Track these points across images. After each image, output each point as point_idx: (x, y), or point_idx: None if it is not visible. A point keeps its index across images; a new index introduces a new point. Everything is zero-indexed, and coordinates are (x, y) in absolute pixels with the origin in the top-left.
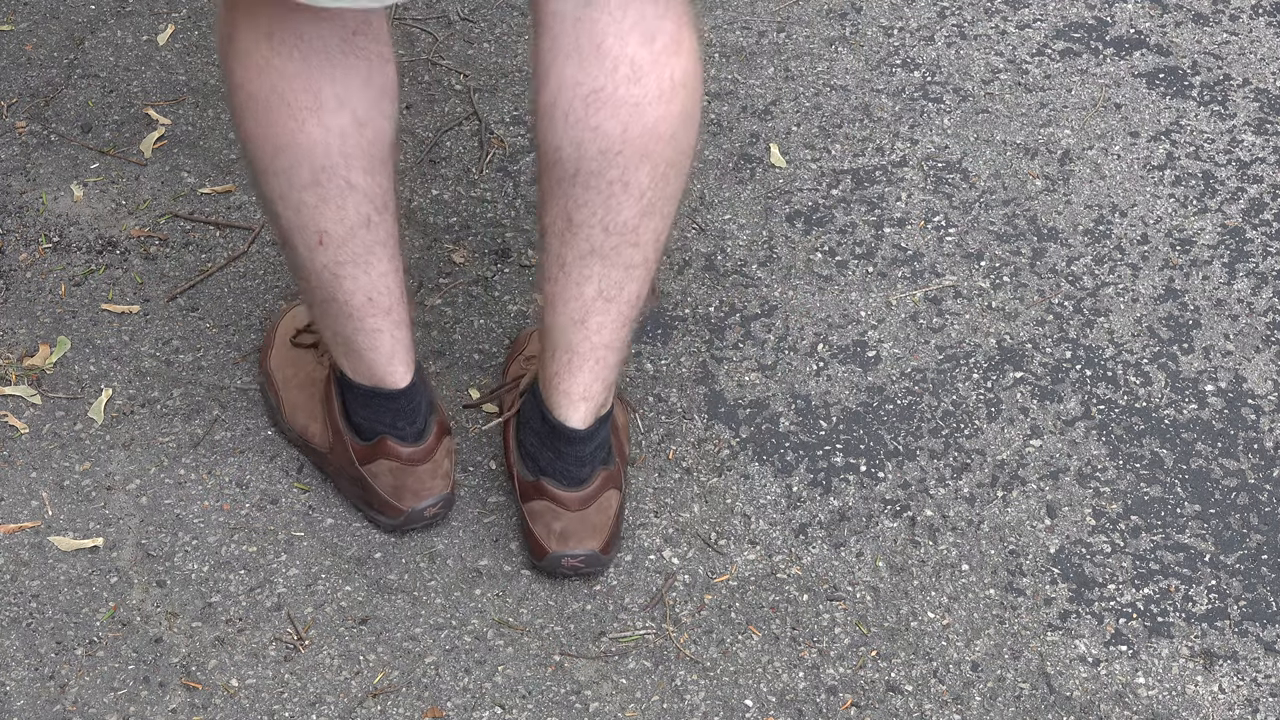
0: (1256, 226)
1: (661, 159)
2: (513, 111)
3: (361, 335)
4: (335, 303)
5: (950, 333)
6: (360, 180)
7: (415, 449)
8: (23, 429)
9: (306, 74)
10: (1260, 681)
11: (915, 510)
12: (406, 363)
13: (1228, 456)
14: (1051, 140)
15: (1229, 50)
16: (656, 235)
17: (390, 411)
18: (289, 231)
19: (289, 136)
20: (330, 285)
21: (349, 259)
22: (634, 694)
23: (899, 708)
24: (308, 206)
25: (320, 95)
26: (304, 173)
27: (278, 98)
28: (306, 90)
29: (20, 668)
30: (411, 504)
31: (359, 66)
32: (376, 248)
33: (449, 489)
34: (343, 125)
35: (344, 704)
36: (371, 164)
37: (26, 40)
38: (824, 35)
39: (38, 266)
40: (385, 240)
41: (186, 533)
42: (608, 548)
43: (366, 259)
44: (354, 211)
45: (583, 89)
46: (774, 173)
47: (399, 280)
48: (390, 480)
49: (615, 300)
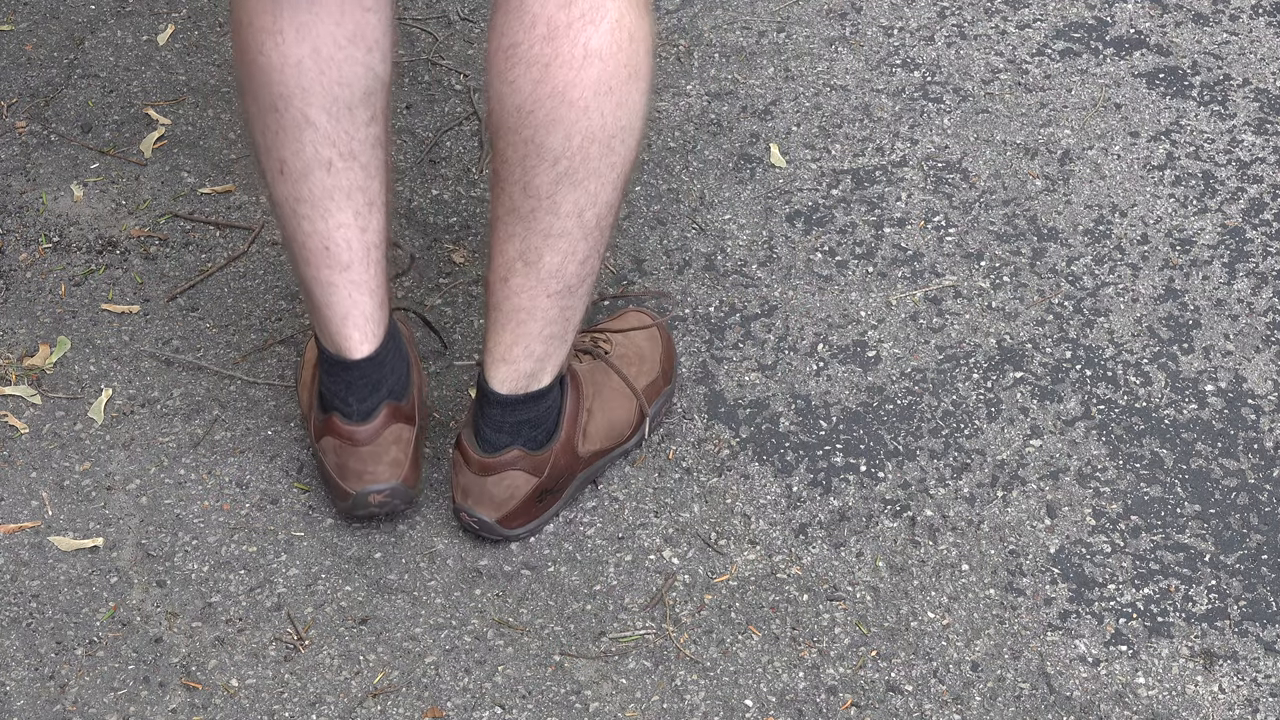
0: (1256, 226)
1: (576, 129)
2: None
3: (317, 287)
4: (295, 243)
5: (950, 333)
6: (319, 119)
7: (357, 428)
8: (23, 429)
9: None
10: (1260, 681)
11: (915, 510)
12: (364, 332)
13: (1228, 456)
14: (1051, 140)
15: (1229, 50)
16: (579, 210)
17: (343, 383)
18: (258, 154)
19: (250, 56)
20: (290, 223)
21: (305, 198)
22: (634, 694)
23: (899, 708)
24: (270, 131)
25: (280, 21)
26: (265, 96)
27: (246, 18)
28: (268, 13)
29: (20, 668)
30: (355, 486)
31: (329, 5)
32: (337, 194)
33: (399, 480)
34: (300, 57)
35: (344, 704)
36: (334, 106)
37: (26, 40)
38: (824, 35)
39: (38, 266)
40: (350, 191)
41: (186, 533)
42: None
43: (325, 204)
44: (310, 149)
45: (504, 42)
46: (774, 173)
47: (365, 240)
48: (334, 458)
49: (534, 266)
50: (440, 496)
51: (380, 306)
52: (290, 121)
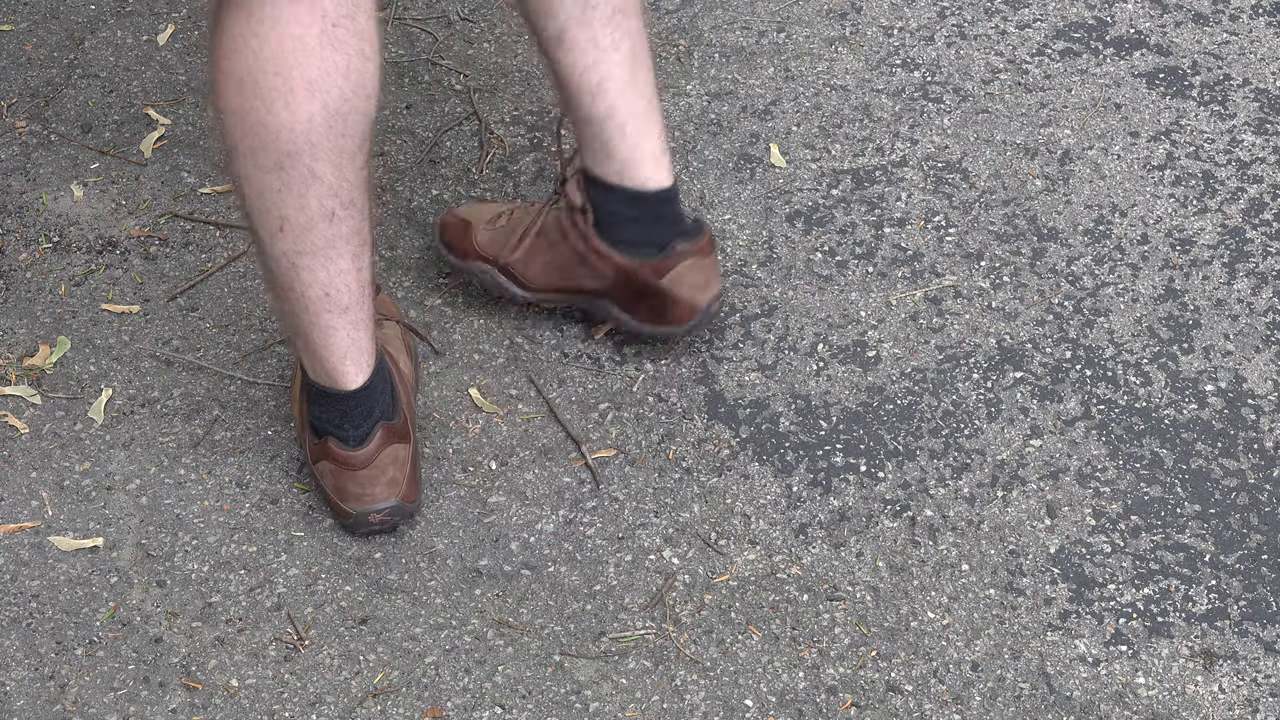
0: (1256, 226)
1: None
2: (513, 111)
3: (316, 331)
4: (293, 293)
5: (950, 333)
6: (325, 172)
7: (353, 453)
8: (23, 429)
9: (280, 58)
10: (1260, 681)
11: (915, 510)
12: (359, 365)
13: (1228, 456)
14: (1051, 140)
15: (1229, 50)
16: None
17: (338, 413)
18: (252, 214)
19: (256, 117)
20: (288, 275)
21: (308, 249)
22: (634, 694)
23: (899, 708)
24: (271, 191)
25: (291, 81)
26: (268, 156)
27: (250, 78)
28: (278, 74)
29: (20, 668)
30: (355, 507)
31: (337, 59)
32: (339, 242)
33: (397, 498)
34: (311, 114)
35: (344, 704)
36: (339, 158)
37: (26, 40)
38: (824, 35)
39: (38, 266)
40: (349, 237)
41: (186, 533)
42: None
43: (326, 253)
44: (316, 203)
45: None
46: (774, 173)
47: (361, 280)
48: (332, 481)
49: (644, 57)
50: (440, 497)
51: (372, 338)
52: (297, 178)
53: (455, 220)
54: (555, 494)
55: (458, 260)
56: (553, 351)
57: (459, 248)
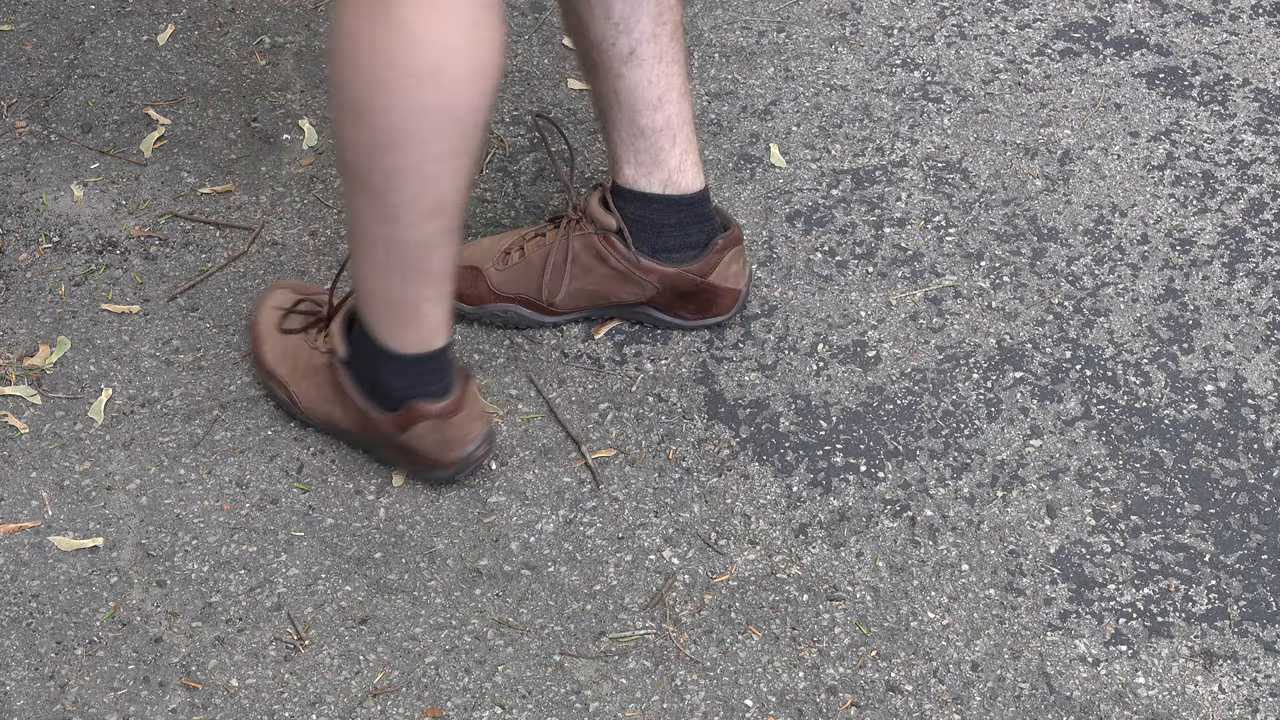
0: (1256, 226)
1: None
2: (513, 111)
3: (431, 302)
4: (423, 273)
5: (950, 333)
6: (476, 149)
7: (447, 402)
8: (23, 429)
9: (468, 47)
10: (1260, 681)
11: (915, 510)
12: (449, 321)
13: (1228, 456)
14: (1051, 140)
15: (1229, 50)
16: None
17: (426, 374)
18: (403, 205)
19: (442, 104)
20: (426, 255)
21: (455, 225)
22: (634, 694)
23: (899, 708)
24: (443, 175)
25: (475, 66)
26: (448, 143)
27: (441, 68)
28: (466, 62)
29: (20, 668)
30: (460, 452)
31: (492, 38)
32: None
33: (488, 424)
34: (484, 93)
35: (344, 704)
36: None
37: (26, 40)
38: (824, 35)
39: (38, 266)
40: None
41: (186, 533)
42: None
43: (460, 226)
44: (466, 179)
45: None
46: (774, 173)
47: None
48: (433, 438)
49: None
50: (440, 497)
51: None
52: (467, 160)
53: (458, 270)
54: (555, 494)
55: (473, 308)
56: (553, 351)
57: (473, 296)
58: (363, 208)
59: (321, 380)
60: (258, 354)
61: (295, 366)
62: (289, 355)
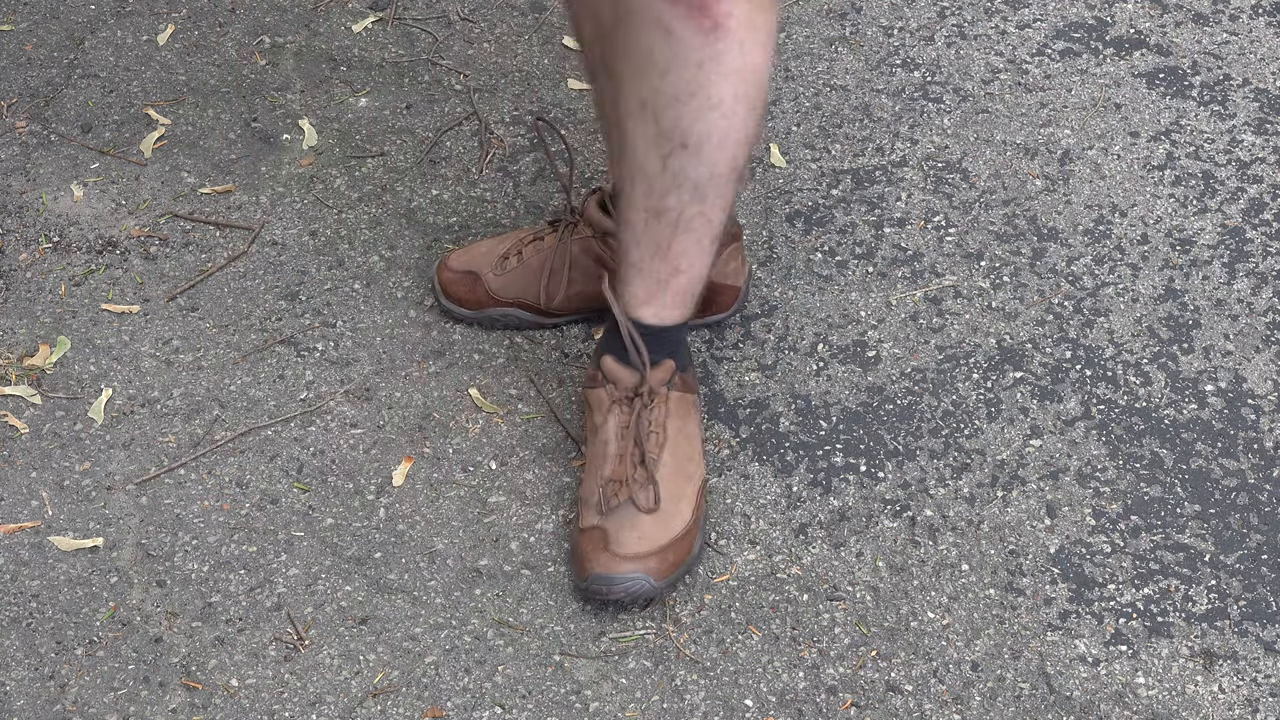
0: (1256, 226)
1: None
2: (513, 111)
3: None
4: (717, 231)
5: (950, 333)
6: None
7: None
8: (23, 429)
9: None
10: (1260, 681)
11: (915, 510)
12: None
13: (1228, 456)
14: (1051, 140)
15: (1229, 50)
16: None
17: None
18: (724, 175)
19: (763, 66)
20: (723, 220)
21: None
22: (634, 694)
23: (899, 708)
24: (752, 138)
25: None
26: (759, 102)
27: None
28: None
29: (20, 668)
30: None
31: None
32: None
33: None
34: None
35: (344, 704)
36: None
37: (26, 40)
38: (824, 35)
39: (38, 266)
40: None
41: (186, 533)
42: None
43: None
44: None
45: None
46: (774, 173)
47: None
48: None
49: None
50: (440, 497)
51: None
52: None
53: (457, 275)
54: (555, 494)
55: (472, 312)
56: (553, 351)
57: (471, 300)
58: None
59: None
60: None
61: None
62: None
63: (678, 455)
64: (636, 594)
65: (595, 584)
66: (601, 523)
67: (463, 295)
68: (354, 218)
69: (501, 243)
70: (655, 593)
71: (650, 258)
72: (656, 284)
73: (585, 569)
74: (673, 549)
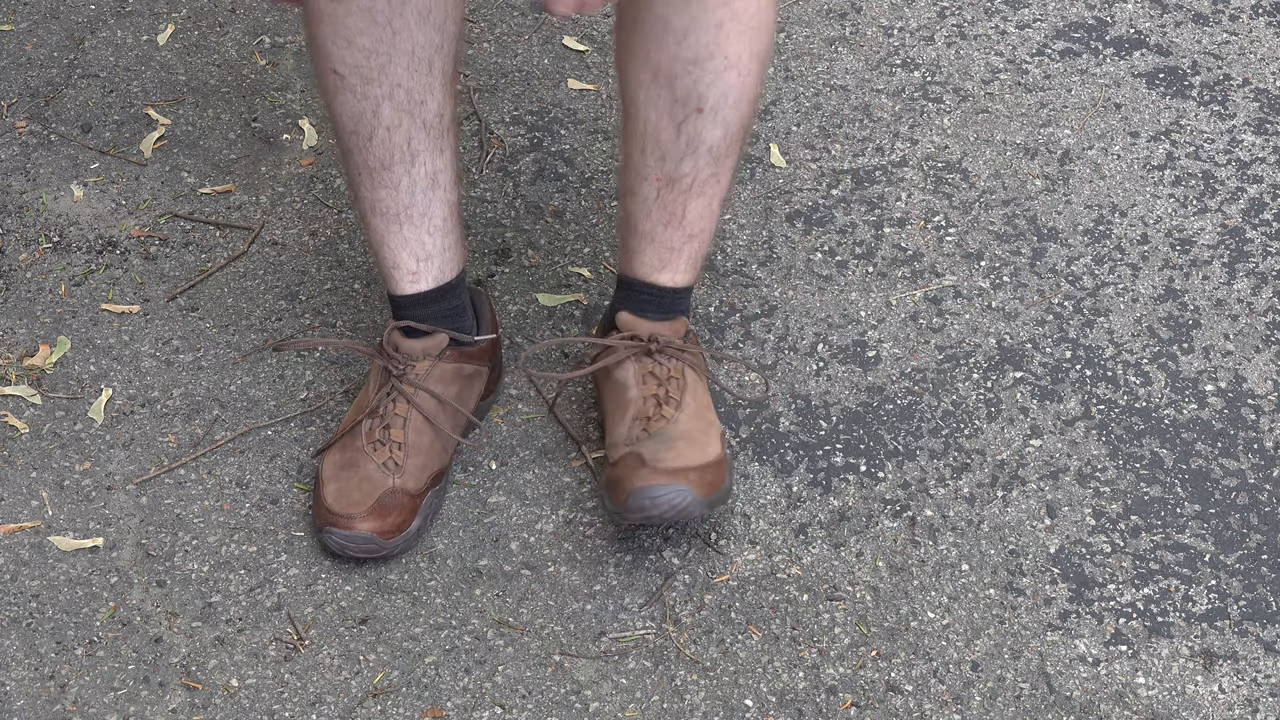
0: (1256, 226)
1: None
2: (513, 111)
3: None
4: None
5: (950, 333)
6: None
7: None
8: (23, 429)
9: None
10: (1260, 681)
11: (915, 510)
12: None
13: (1228, 456)
14: (1051, 140)
15: (1229, 50)
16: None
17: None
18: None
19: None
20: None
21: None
22: (634, 694)
23: (899, 708)
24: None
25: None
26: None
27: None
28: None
29: (20, 668)
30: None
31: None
32: None
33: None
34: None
35: (344, 704)
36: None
37: (26, 40)
38: (824, 35)
39: (38, 266)
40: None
41: (186, 533)
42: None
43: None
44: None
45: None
46: (774, 173)
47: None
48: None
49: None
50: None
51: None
52: None
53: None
54: (555, 494)
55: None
56: (553, 351)
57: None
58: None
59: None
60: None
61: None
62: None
63: (698, 401)
64: (681, 509)
65: (637, 500)
66: (635, 448)
67: (394, 522)
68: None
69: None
70: (699, 510)
71: (664, 227)
72: (670, 251)
73: (623, 490)
74: (710, 470)
